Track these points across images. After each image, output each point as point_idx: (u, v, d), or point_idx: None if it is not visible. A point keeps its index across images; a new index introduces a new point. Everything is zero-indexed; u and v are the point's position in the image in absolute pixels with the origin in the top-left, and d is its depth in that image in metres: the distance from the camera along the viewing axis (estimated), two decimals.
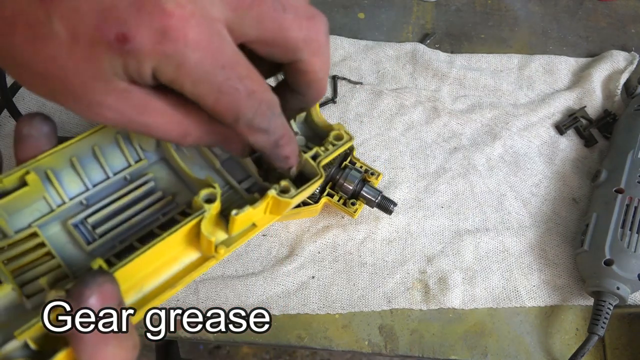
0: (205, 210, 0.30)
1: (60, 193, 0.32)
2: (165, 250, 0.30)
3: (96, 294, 0.24)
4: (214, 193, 0.31)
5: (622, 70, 0.73)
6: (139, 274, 0.30)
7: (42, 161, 0.30)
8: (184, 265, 0.32)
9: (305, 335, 0.55)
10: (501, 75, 0.74)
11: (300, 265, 0.58)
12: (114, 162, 0.35)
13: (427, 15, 0.80)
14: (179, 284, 0.31)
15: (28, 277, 0.29)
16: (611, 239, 0.56)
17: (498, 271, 0.60)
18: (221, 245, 0.32)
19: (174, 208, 0.34)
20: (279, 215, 0.35)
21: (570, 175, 0.67)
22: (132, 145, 0.35)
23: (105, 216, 0.33)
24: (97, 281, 0.25)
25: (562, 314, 0.58)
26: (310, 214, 0.59)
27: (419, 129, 0.69)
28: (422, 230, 0.61)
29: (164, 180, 0.36)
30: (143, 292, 0.30)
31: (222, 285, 0.56)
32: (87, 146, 0.33)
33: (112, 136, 0.34)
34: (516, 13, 0.82)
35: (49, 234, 0.31)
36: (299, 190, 0.33)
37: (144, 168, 0.36)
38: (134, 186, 0.34)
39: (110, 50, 0.24)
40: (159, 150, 0.36)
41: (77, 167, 0.33)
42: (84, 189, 0.33)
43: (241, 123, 0.28)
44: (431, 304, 0.57)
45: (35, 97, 0.66)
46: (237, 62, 0.26)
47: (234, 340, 0.55)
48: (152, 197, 0.34)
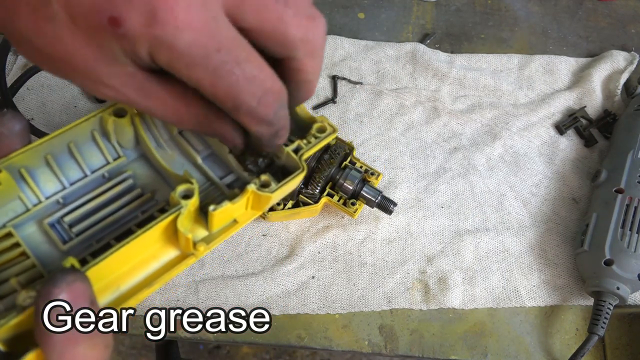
0: (182, 206, 0.29)
1: (36, 192, 0.31)
2: (142, 248, 0.30)
3: (65, 292, 0.24)
4: (191, 189, 0.30)
5: (622, 70, 0.73)
6: (115, 272, 0.29)
7: (15, 159, 0.30)
8: (162, 264, 0.31)
9: (305, 335, 0.55)
10: (501, 75, 0.74)
11: (300, 265, 0.58)
12: (92, 160, 0.34)
13: (427, 15, 0.80)
14: (157, 283, 0.30)
15: (1, 277, 0.28)
16: (611, 239, 0.56)
17: (498, 271, 0.60)
18: (201, 242, 0.31)
19: (153, 205, 0.33)
20: (260, 211, 0.35)
21: (570, 175, 0.67)
22: (109, 142, 0.34)
23: (82, 215, 0.32)
24: (66, 279, 0.24)
25: (562, 314, 0.58)
26: (310, 214, 0.59)
27: (419, 129, 0.69)
28: (422, 230, 0.61)
29: (144, 178, 0.35)
30: (120, 291, 0.30)
31: (222, 285, 0.56)
32: (63, 143, 0.32)
33: (89, 133, 0.33)
34: (516, 13, 0.82)
35: (24, 234, 0.31)
36: (280, 184, 0.32)
37: (123, 165, 0.35)
38: (113, 184, 0.34)
39: (106, 34, 0.24)
40: (139, 148, 0.35)
41: (53, 165, 0.32)
42: (60, 188, 0.33)
43: (242, 111, 0.27)
44: (431, 304, 0.57)
45: (35, 97, 0.66)
46: (235, 45, 0.26)
47: (234, 340, 0.55)
48: (131, 195, 0.33)
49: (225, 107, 0.27)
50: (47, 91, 0.67)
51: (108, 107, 0.33)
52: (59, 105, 0.66)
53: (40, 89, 0.67)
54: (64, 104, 0.67)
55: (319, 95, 0.70)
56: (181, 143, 0.36)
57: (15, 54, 0.69)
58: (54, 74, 0.28)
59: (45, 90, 0.67)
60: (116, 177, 0.34)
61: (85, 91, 0.66)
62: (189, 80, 0.26)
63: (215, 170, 0.36)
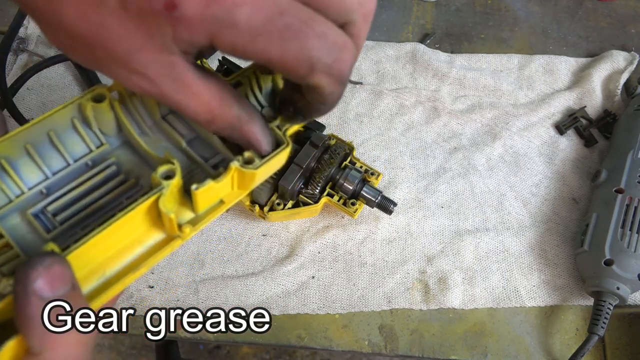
0: (164, 187, 0.29)
1: (18, 183, 0.31)
2: (126, 231, 0.30)
3: (43, 276, 0.23)
4: (172, 169, 0.30)
5: (622, 70, 0.73)
6: (100, 258, 0.29)
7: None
8: (147, 248, 0.31)
9: (305, 335, 0.55)
10: (501, 75, 0.74)
11: (300, 265, 0.58)
12: (74, 149, 0.33)
13: (427, 15, 0.80)
14: (143, 267, 0.30)
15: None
16: (611, 239, 0.56)
17: (498, 271, 0.60)
18: (187, 224, 0.31)
19: (137, 191, 0.33)
20: (247, 190, 0.34)
21: (570, 175, 0.67)
22: (91, 130, 0.34)
23: (66, 203, 0.32)
24: (44, 262, 0.24)
25: (562, 314, 0.58)
26: (310, 214, 0.59)
27: (419, 129, 0.69)
28: (422, 230, 0.61)
29: (128, 164, 0.34)
30: (105, 277, 0.29)
31: (222, 285, 0.56)
32: (42, 132, 0.32)
33: (68, 120, 0.33)
34: (516, 13, 0.82)
35: (8, 225, 0.30)
36: (264, 160, 0.32)
37: (106, 153, 0.34)
38: (96, 171, 0.33)
39: (159, 19, 0.23)
40: (121, 134, 0.35)
41: (34, 155, 0.31)
42: (43, 178, 0.32)
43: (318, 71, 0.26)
44: (431, 304, 0.57)
45: (35, 97, 0.66)
46: (297, 7, 0.25)
47: (234, 340, 0.55)
48: (115, 181, 0.33)
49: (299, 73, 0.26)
50: (47, 91, 0.67)
51: (86, 93, 0.32)
52: (59, 105, 0.66)
53: (40, 89, 0.67)
54: None
55: None
56: (165, 128, 0.35)
57: (15, 54, 0.69)
58: (85, 63, 0.27)
59: (45, 90, 0.67)
60: (100, 164, 0.33)
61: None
62: (255, 55, 0.25)
63: (201, 153, 0.35)
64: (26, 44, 0.70)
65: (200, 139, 0.36)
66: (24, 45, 0.70)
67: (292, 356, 1.35)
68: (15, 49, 0.69)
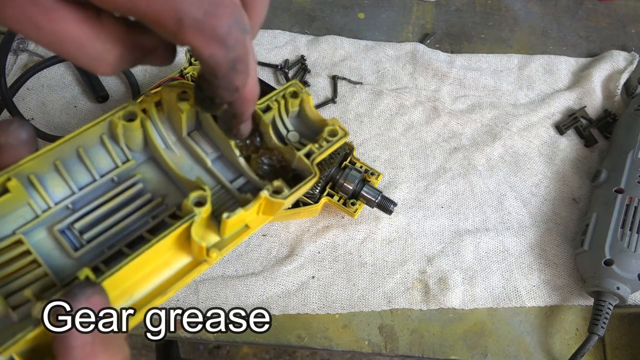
0: (195, 214, 0.29)
1: (45, 198, 0.31)
2: (155, 255, 0.30)
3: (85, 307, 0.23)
4: (203, 196, 0.30)
5: (622, 70, 0.73)
6: (129, 281, 0.29)
7: (24, 166, 0.29)
8: (175, 270, 0.31)
9: (305, 335, 0.55)
10: (501, 75, 0.74)
11: (300, 265, 0.58)
12: (100, 164, 0.33)
13: (427, 15, 0.80)
14: (170, 291, 0.30)
15: (13, 287, 0.28)
16: (611, 239, 0.56)
17: (498, 271, 0.60)
18: (213, 248, 0.31)
19: (163, 210, 0.33)
20: (272, 215, 0.34)
21: (570, 175, 0.67)
22: (118, 146, 0.34)
23: (93, 221, 0.32)
24: (85, 293, 0.24)
25: (562, 314, 0.58)
26: (310, 214, 0.59)
27: (419, 129, 0.69)
28: (422, 230, 0.61)
29: (153, 181, 0.34)
30: (133, 300, 0.29)
31: (222, 285, 0.56)
32: (72, 148, 0.32)
33: (97, 137, 0.33)
34: (516, 13, 0.82)
35: (34, 240, 0.30)
36: (293, 190, 0.32)
37: (131, 169, 0.34)
38: (122, 188, 0.33)
39: None
40: (147, 150, 0.35)
41: (62, 171, 0.31)
42: (69, 193, 0.32)
43: (186, 26, 0.23)
44: (431, 304, 0.57)
45: (35, 97, 0.66)
46: None
47: (234, 340, 0.55)
48: (141, 200, 0.33)
49: (166, 28, 0.23)
50: (47, 91, 0.67)
51: (116, 110, 0.33)
52: (59, 105, 0.66)
53: (40, 89, 0.67)
54: (64, 104, 0.67)
55: (319, 95, 0.70)
56: (190, 145, 0.35)
57: (15, 54, 0.69)
58: None
59: (45, 90, 0.67)
60: (125, 181, 0.34)
61: None
62: (123, 7, 0.23)
63: (226, 174, 0.35)
64: (26, 44, 0.70)
65: (224, 158, 0.36)
66: (24, 45, 0.70)
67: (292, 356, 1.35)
68: (15, 49, 0.69)
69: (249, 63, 0.26)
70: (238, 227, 0.33)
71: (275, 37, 0.74)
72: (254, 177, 0.34)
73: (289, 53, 0.73)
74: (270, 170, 0.35)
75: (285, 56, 0.73)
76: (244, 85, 0.27)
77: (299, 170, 0.35)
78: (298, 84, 0.36)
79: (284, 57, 0.73)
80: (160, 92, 0.34)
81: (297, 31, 0.76)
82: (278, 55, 0.73)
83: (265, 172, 0.35)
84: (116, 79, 0.69)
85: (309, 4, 0.79)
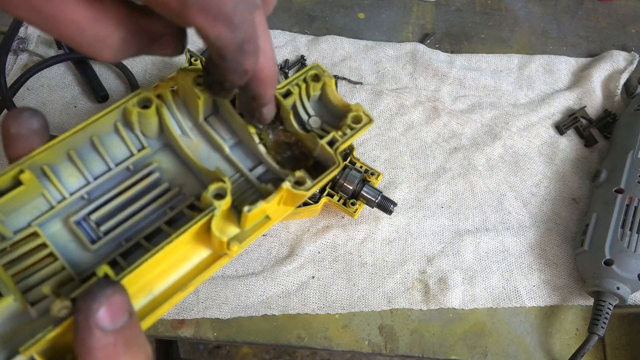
0: (215, 208, 0.28)
1: (60, 188, 0.30)
2: (174, 249, 0.29)
3: (105, 307, 0.23)
4: (223, 188, 0.29)
5: (622, 70, 0.73)
6: (148, 275, 0.28)
7: (37, 157, 0.28)
8: (194, 264, 0.30)
9: (305, 335, 0.55)
10: (501, 75, 0.74)
11: (300, 265, 0.58)
12: (115, 152, 0.32)
13: (427, 15, 0.80)
14: (190, 285, 0.29)
15: (31, 281, 0.27)
16: (611, 239, 0.56)
17: (498, 271, 0.60)
18: (233, 241, 0.30)
19: (181, 201, 0.32)
20: (293, 206, 0.33)
21: (570, 175, 0.67)
22: (133, 133, 0.33)
23: (109, 212, 0.31)
24: (105, 293, 0.23)
25: (562, 314, 0.58)
26: (310, 214, 0.59)
27: (419, 129, 0.69)
28: (422, 230, 0.61)
29: (170, 170, 0.33)
30: (153, 294, 0.29)
31: (222, 285, 0.56)
32: (85, 137, 0.31)
33: (111, 124, 0.32)
34: (516, 13, 0.82)
35: (50, 232, 0.30)
36: (315, 181, 0.31)
37: (147, 156, 0.33)
38: (138, 177, 0.32)
39: None
40: (162, 137, 0.34)
41: (76, 160, 0.31)
42: (84, 183, 0.31)
43: (190, 3, 0.22)
44: (431, 304, 0.57)
45: (35, 97, 0.66)
46: None
47: (234, 340, 0.55)
48: (158, 190, 0.32)
49: (171, 8, 0.22)
50: (47, 91, 0.67)
51: (130, 97, 0.32)
52: (59, 105, 0.66)
53: (40, 89, 0.67)
54: (64, 104, 0.67)
55: None
56: (207, 131, 0.34)
57: (15, 54, 0.69)
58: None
59: (45, 90, 0.67)
60: (141, 169, 0.33)
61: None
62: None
63: (244, 161, 0.34)
64: (26, 44, 0.70)
65: (242, 145, 0.34)
66: (24, 45, 0.70)
67: (292, 356, 1.35)
68: (15, 49, 0.69)
69: (259, 42, 0.25)
70: (259, 218, 0.32)
71: (275, 37, 0.74)
72: (274, 165, 0.33)
73: (289, 53, 0.73)
74: (290, 158, 0.33)
75: (285, 56, 0.73)
76: (254, 67, 0.26)
77: (320, 159, 0.33)
78: (320, 66, 0.35)
79: (284, 57, 0.73)
80: (176, 76, 0.33)
81: (297, 31, 0.76)
82: (278, 55, 0.73)
83: (285, 159, 0.33)
84: (116, 79, 0.69)
85: (309, 4, 0.79)
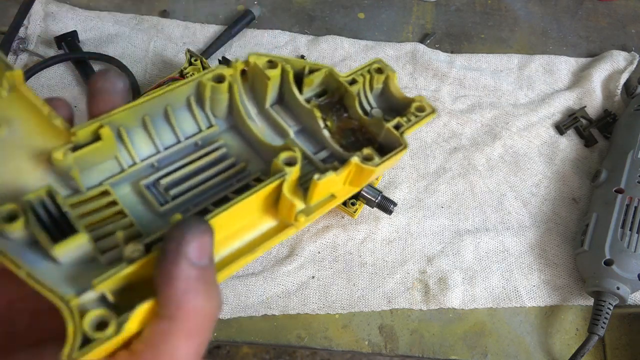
0: (287, 173, 0.29)
1: (132, 153, 0.31)
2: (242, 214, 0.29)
3: (197, 241, 0.23)
4: (294, 156, 0.30)
5: (622, 70, 0.73)
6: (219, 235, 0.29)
7: (115, 117, 0.29)
8: (261, 232, 0.31)
9: (305, 335, 0.55)
10: (501, 75, 0.74)
11: (300, 265, 0.58)
12: (185, 126, 0.33)
13: (427, 15, 0.80)
14: (258, 250, 0.30)
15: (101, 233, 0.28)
16: (611, 239, 0.56)
17: (498, 271, 0.60)
18: (301, 213, 0.30)
19: (247, 175, 0.33)
20: (358, 187, 0.34)
21: (570, 175, 0.67)
22: (203, 111, 0.34)
23: (178, 179, 0.32)
24: (200, 228, 0.23)
25: (562, 314, 0.58)
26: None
27: (419, 129, 0.69)
28: (422, 230, 0.61)
29: (236, 149, 0.34)
30: (220, 257, 0.29)
31: (222, 285, 0.56)
32: (161, 105, 0.32)
33: (185, 97, 0.33)
34: (516, 13, 0.82)
35: (119, 194, 0.30)
36: (384, 158, 0.32)
37: (215, 135, 0.34)
38: (206, 151, 0.33)
39: None
40: (230, 118, 0.35)
41: (149, 127, 0.32)
42: (155, 151, 0.32)
43: None
44: (431, 304, 0.57)
45: None
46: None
47: (234, 340, 0.55)
48: (225, 163, 0.33)
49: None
50: (47, 91, 0.67)
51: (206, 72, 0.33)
52: None
53: (40, 89, 0.67)
54: None
55: None
56: (272, 117, 0.35)
57: (15, 54, 0.69)
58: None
59: (45, 90, 0.67)
60: (208, 145, 0.34)
61: None
62: None
63: (308, 146, 0.35)
64: (26, 44, 0.70)
65: (306, 131, 0.36)
66: (24, 45, 0.70)
67: (292, 356, 1.35)
68: (15, 49, 0.69)
69: None
70: (325, 195, 0.32)
71: (275, 37, 0.74)
72: (338, 149, 0.34)
73: (289, 53, 0.73)
74: (353, 142, 0.34)
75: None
76: None
77: (384, 143, 0.34)
78: (382, 61, 0.36)
79: None
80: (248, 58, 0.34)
81: (297, 31, 0.76)
82: None
83: (349, 144, 0.34)
84: None
85: (309, 4, 0.79)
